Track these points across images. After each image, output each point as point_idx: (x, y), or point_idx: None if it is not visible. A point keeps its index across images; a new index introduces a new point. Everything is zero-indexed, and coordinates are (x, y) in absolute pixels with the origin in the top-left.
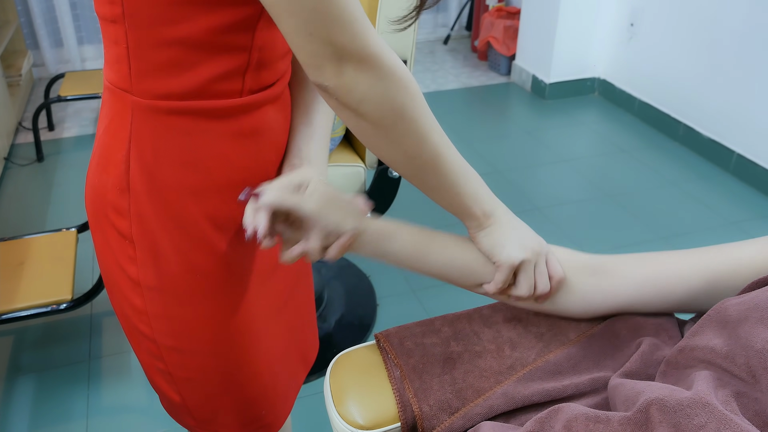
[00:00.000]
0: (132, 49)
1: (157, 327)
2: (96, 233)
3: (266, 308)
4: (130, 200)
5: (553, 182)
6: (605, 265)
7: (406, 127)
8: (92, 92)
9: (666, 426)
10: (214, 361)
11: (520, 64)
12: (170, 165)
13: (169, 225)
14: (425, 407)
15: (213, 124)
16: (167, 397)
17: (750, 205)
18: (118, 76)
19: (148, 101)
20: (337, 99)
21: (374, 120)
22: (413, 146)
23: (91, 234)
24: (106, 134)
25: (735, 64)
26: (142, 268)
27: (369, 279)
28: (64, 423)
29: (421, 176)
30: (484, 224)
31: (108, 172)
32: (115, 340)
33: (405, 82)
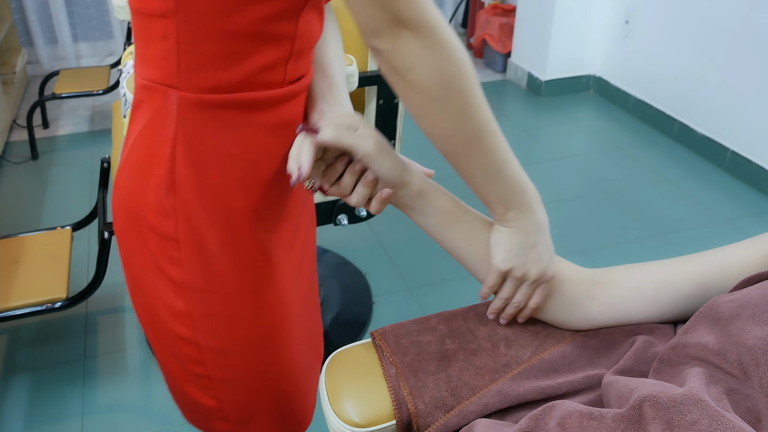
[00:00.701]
0: (182, 44)
1: (200, 329)
2: (128, 239)
3: (297, 301)
4: (176, 198)
5: (548, 179)
6: (600, 277)
7: (451, 101)
8: (87, 89)
9: (659, 422)
10: (255, 359)
11: (515, 62)
12: (217, 159)
13: (215, 221)
14: (420, 405)
15: (255, 116)
16: (199, 403)
17: (744, 202)
18: (164, 72)
19: (196, 95)
20: (389, 63)
21: (422, 89)
22: (456, 122)
23: (118, 242)
24: (146, 133)
25: (729, 62)
26: (188, 269)
27: (365, 276)
28: (60, 422)
29: (458, 154)
30: (509, 221)
31: (149, 172)
32: (111, 339)
33: (457, 57)
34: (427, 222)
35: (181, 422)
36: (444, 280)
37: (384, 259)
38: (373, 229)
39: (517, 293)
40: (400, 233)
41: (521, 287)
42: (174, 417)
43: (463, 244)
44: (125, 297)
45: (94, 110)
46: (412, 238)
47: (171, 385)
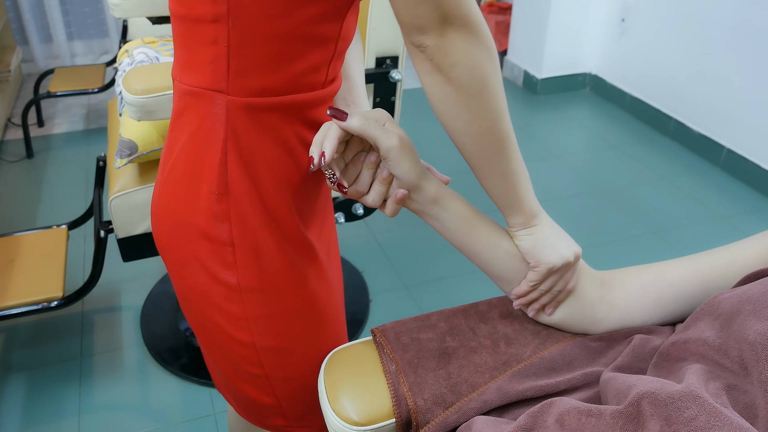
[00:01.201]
0: (233, 48)
1: (257, 330)
2: (175, 249)
3: (340, 295)
4: (230, 203)
5: (544, 177)
6: (608, 278)
7: (488, 99)
8: (82, 88)
9: (657, 419)
10: (310, 354)
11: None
12: (266, 162)
13: (267, 221)
14: (420, 401)
15: (297, 117)
16: (255, 401)
17: (739, 200)
18: (213, 77)
19: (246, 99)
20: (433, 60)
21: (462, 85)
22: (489, 120)
23: (163, 253)
24: (193, 141)
25: (725, 60)
26: (243, 271)
27: (362, 275)
28: (56, 421)
29: (488, 155)
30: (528, 223)
31: (199, 179)
32: (107, 338)
33: (495, 57)
34: (444, 228)
35: (178, 420)
36: (441, 278)
37: (381, 257)
38: (369, 228)
39: (560, 282)
40: (397, 231)
41: (563, 276)
42: (171, 415)
43: (484, 249)
44: (121, 295)
45: (90, 108)
46: (408, 236)
47: (225, 384)
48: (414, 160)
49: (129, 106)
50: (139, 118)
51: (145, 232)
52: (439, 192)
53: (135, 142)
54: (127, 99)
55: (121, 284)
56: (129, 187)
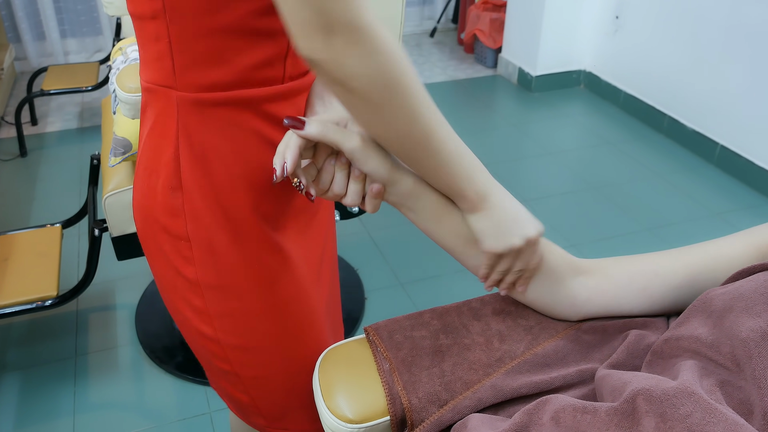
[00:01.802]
0: (174, 44)
1: (219, 326)
2: (146, 241)
3: (321, 297)
4: (184, 198)
5: (539, 174)
6: (589, 266)
7: (398, 104)
8: (76, 86)
9: (652, 416)
10: (280, 355)
11: (506, 57)
12: (220, 158)
13: (222, 219)
14: (414, 399)
15: (257, 113)
16: (235, 398)
17: (733, 196)
18: (161, 73)
19: (194, 94)
20: (328, 74)
21: (365, 96)
22: (405, 124)
23: (141, 244)
24: (152, 136)
25: (719, 57)
26: (200, 267)
27: (357, 272)
28: (51, 420)
29: (414, 155)
30: (477, 207)
31: (157, 173)
32: (102, 336)
33: (397, 57)
34: (418, 218)
35: (173, 419)
36: (436, 275)
37: (376, 255)
38: (365, 225)
39: (516, 263)
40: (392, 229)
41: (519, 257)
42: (167, 414)
43: (452, 238)
44: (116, 294)
45: (83, 107)
46: (403, 233)
47: (211, 381)
48: (382, 155)
49: (122, 104)
50: (132, 116)
51: None
52: (415, 184)
53: (129, 140)
54: (121, 97)
55: (116, 283)
56: (123, 185)
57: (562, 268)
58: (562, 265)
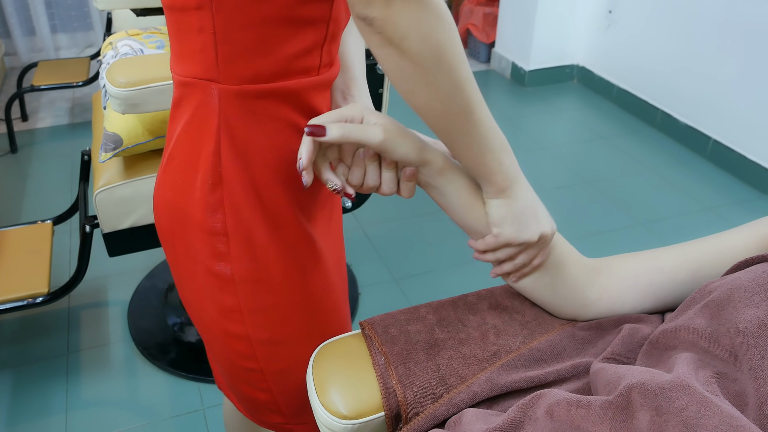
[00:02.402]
0: (219, 35)
1: (251, 322)
2: (173, 239)
3: (342, 287)
4: (224, 193)
5: (533, 169)
6: (597, 265)
7: (445, 69)
8: (66, 81)
9: (647, 409)
10: (307, 347)
11: (499, 52)
12: (259, 151)
13: (261, 212)
14: (409, 393)
15: (294, 105)
16: (253, 398)
17: (726, 190)
18: (202, 66)
19: (237, 87)
20: (382, 33)
21: (416, 57)
22: (449, 92)
23: (163, 244)
24: (188, 131)
25: (712, 52)
26: (237, 262)
27: (350, 268)
28: (43, 417)
29: (451, 128)
30: (501, 193)
31: (195, 169)
32: (94, 333)
33: (448, 21)
34: (448, 202)
35: (166, 416)
36: (430, 270)
37: (370, 251)
38: (358, 221)
39: (520, 256)
40: (386, 224)
41: (527, 251)
42: (160, 411)
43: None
44: (108, 291)
45: (74, 102)
46: (397, 229)
47: (224, 381)
48: (409, 141)
49: (113, 99)
50: (123, 111)
51: (131, 227)
52: (446, 164)
53: (120, 135)
54: (111, 92)
55: (108, 279)
56: (114, 181)
57: (580, 273)
58: (580, 269)
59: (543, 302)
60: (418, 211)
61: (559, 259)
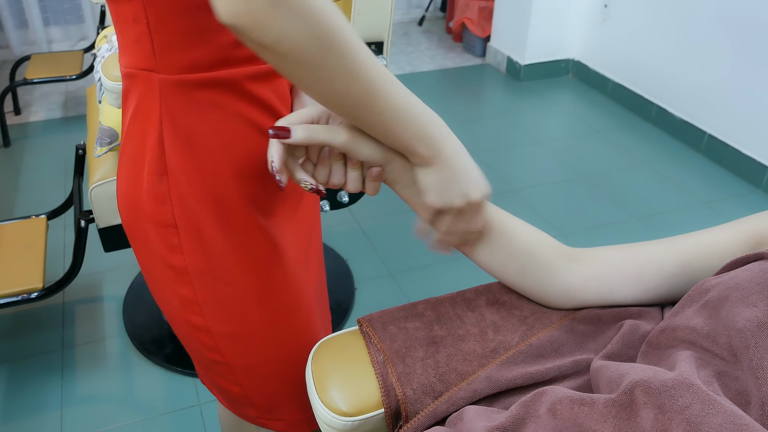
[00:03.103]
0: (152, 24)
1: (209, 314)
2: (133, 232)
3: (310, 285)
4: (170, 183)
5: (528, 164)
6: (581, 254)
7: (334, 63)
8: (60, 75)
9: (651, 407)
10: (270, 341)
11: (495, 46)
12: (205, 143)
13: (210, 205)
14: (409, 391)
15: (242, 96)
16: (225, 390)
17: (721, 185)
18: (141, 56)
19: (175, 76)
20: (252, 40)
21: (297, 59)
22: (344, 83)
23: (128, 239)
24: (134, 121)
25: (707, 46)
26: (189, 254)
27: (347, 263)
28: (38, 413)
29: (357, 114)
30: (427, 162)
31: (142, 159)
32: (89, 329)
33: (328, 14)
34: (412, 194)
35: (162, 411)
36: (426, 265)
37: (366, 246)
38: (354, 216)
39: (458, 223)
40: (382, 219)
41: (461, 217)
42: (156, 406)
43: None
44: (103, 286)
45: (68, 96)
46: (393, 224)
47: (200, 372)
48: (372, 140)
49: (108, 92)
50: (119, 105)
51: None
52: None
53: (115, 129)
54: (107, 85)
55: (103, 274)
56: (109, 175)
57: (553, 256)
58: (552, 253)
59: (523, 289)
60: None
61: (528, 245)
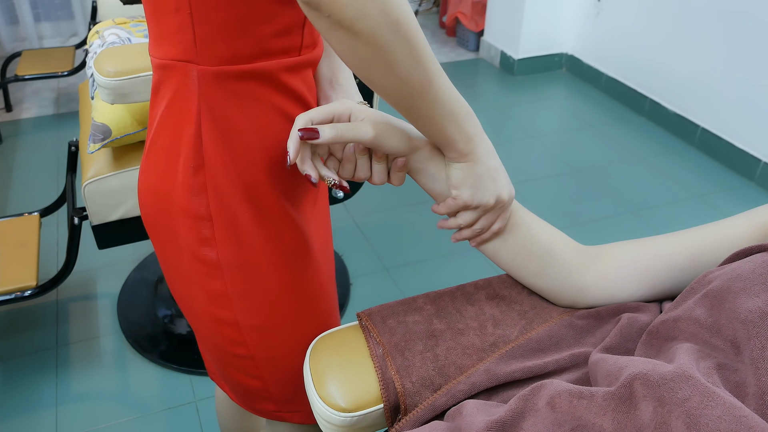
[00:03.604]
0: (196, 14)
1: (239, 307)
2: (159, 226)
3: (330, 274)
4: (206, 176)
5: (522, 158)
6: (595, 251)
7: (401, 46)
8: (51, 71)
9: (650, 400)
10: (296, 334)
11: (488, 40)
12: (241, 134)
13: (245, 196)
14: (408, 384)
15: (276, 86)
16: (244, 386)
17: (714, 178)
18: (180, 47)
19: (216, 68)
20: (330, 16)
21: (370, 38)
22: (406, 68)
23: (149, 231)
24: (169, 114)
25: (700, 40)
26: (222, 247)
27: (342, 258)
28: (33, 412)
29: (411, 102)
30: (462, 157)
31: (177, 153)
32: (83, 326)
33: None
34: (437, 187)
35: (158, 408)
36: (421, 260)
37: (361, 241)
38: (349, 211)
39: (480, 220)
40: (377, 214)
41: (486, 216)
42: (151, 403)
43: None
44: (97, 283)
45: (59, 92)
46: (388, 219)
47: (215, 369)
48: (397, 133)
49: (101, 89)
50: (112, 102)
51: (120, 219)
52: (434, 148)
53: (108, 126)
54: (100, 82)
55: (97, 272)
56: (103, 172)
57: (570, 257)
58: (569, 254)
59: (539, 288)
60: (409, 200)
61: (548, 245)
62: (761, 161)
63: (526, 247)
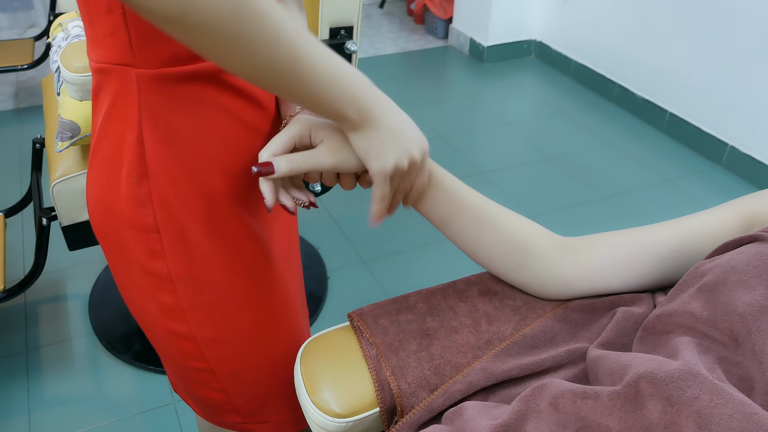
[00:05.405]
0: (129, 14)
1: (194, 321)
2: (107, 239)
3: (294, 283)
4: (150, 186)
5: (494, 146)
6: (574, 243)
7: (251, 33)
8: (10, 64)
9: (657, 399)
10: (257, 344)
11: (457, 28)
12: (188, 140)
13: (195, 206)
14: (403, 384)
15: (224, 88)
16: (207, 399)
17: (683, 163)
18: (116, 49)
19: (155, 70)
20: (154, 13)
21: (208, 30)
22: (265, 53)
23: (100, 243)
24: (110, 120)
25: (667, 26)
26: (172, 259)
27: (318, 251)
28: (4, 419)
29: (281, 85)
30: (359, 126)
31: (119, 161)
32: (54, 329)
33: None
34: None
35: (136, 411)
36: (397, 251)
37: (336, 233)
38: (324, 204)
39: (401, 184)
40: (352, 206)
41: (405, 177)
42: (129, 406)
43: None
44: (67, 284)
45: (19, 86)
46: (363, 210)
47: (176, 382)
48: (351, 152)
49: (69, 85)
50: (81, 98)
51: None
52: None
53: (77, 123)
54: (67, 78)
55: (66, 272)
56: (72, 171)
57: (548, 249)
58: (547, 246)
59: (521, 284)
60: None
61: (523, 239)
62: (728, 145)
63: (501, 242)
